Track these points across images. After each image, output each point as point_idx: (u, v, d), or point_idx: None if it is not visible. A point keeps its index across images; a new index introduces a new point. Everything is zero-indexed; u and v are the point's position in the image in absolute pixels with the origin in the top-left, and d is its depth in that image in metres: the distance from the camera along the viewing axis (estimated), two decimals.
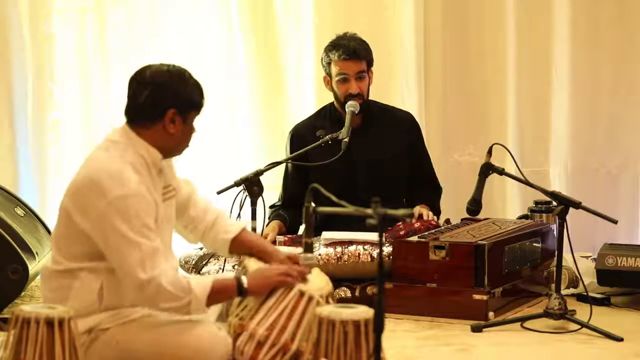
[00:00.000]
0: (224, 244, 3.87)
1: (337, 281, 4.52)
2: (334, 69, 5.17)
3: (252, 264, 3.74)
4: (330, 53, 5.17)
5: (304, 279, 3.63)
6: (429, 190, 5.39)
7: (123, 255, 3.44)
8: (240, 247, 3.88)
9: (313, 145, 5.08)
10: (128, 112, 3.64)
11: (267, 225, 5.17)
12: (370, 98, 5.27)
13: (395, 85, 6.04)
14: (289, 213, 5.26)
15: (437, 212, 5.34)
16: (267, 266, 3.72)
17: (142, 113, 3.60)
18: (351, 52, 5.13)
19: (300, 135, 5.31)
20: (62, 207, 3.58)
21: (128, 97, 3.64)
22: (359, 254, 4.92)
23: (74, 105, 6.13)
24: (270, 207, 5.32)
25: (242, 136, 6.16)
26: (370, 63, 5.21)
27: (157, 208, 3.56)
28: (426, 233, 4.97)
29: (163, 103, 3.58)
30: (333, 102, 5.29)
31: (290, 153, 5.28)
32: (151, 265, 3.44)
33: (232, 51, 6.12)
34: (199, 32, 6.11)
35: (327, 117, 5.30)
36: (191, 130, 3.66)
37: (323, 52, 5.22)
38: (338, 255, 4.92)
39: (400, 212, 3.05)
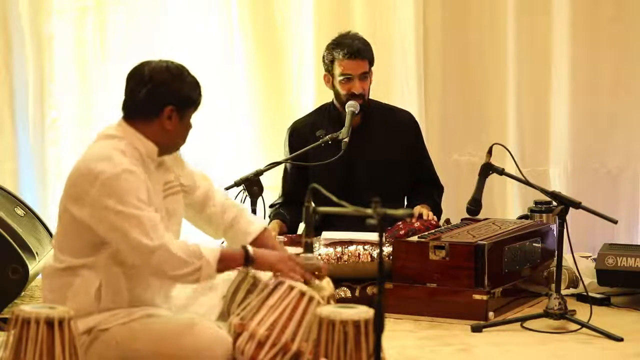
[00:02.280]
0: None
1: (337, 281, 4.52)
2: (338, 68, 5.16)
3: (261, 272, 3.74)
4: (334, 51, 5.16)
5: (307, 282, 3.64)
6: (430, 190, 5.39)
7: (124, 231, 3.44)
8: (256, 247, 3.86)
9: (313, 145, 5.09)
10: (125, 107, 3.64)
11: (267, 225, 5.17)
12: (371, 97, 5.27)
13: (395, 85, 6.04)
14: (289, 211, 5.26)
15: (439, 211, 5.34)
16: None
17: (140, 109, 3.60)
18: (355, 51, 5.12)
19: (299, 133, 5.31)
20: (60, 203, 3.60)
21: (125, 92, 3.64)
22: (359, 254, 4.92)
23: (73, 105, 6.14)
24: (270, 206, 5.32)
25: (242, 136, 6.16)
26: (372, 62, 5.21)
27: (147, 183, 3.54)
28: (426, 233, 4.97)
29: (161, 100, 3.58)
30: (333, 101, 5.28)
31: (289, 149, 5.28)
32: (156, 234, 3.45)
33: (232, 51, 6.12)
34: (199, 32, 6.11)
35: (327, 115, 5.30)
36: (188, 127, 3.66)
37: (325, 50, 5.21)
38: (338, 255, 4.92)
39: (400, 212, 3.05)
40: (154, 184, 3.60)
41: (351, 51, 5.12)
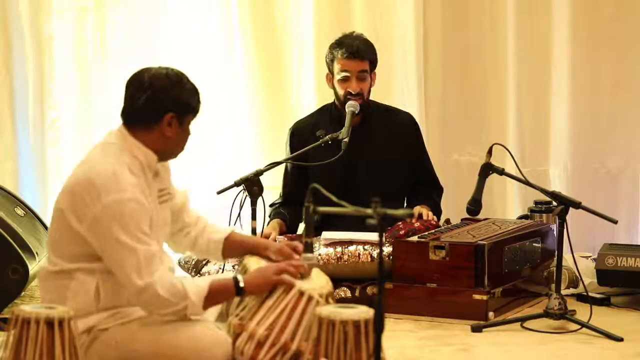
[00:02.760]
0: (217, 245, 3.87)
1: (337, 281, 4.52)
2: (337, 67, 5.17)
3: (252, 263, 3.74)
4: (334, 50, 5.17)
5: (303, 275, 3.63)
6: (430, 190, 5.38)
7: (119, 261, 3.44)
8: (232, 246, 3.88)
9: (313, 145, 5.09)
10: (125, 114, 3.64)
11: (267, 224, 5.18)
12: (370, 98, 5.27)
13: (395, 85, 6.04)
14: (290, 211, 5.27)
15: (439, 211, 5.34)
16: (265, 265, 3.72)
17: (140, 116, 3.59)
18: (354, 51, 5.13)
19: (300, 133, 5.31)
20: (56, 207, 3.58)
21: (125, 99, 3.63)
22: (359, 254, 4.92)
23: (73, 105, 6.14)
24: (271, 205, 5.32)
25: (242, 136, 6.16)
26: (373, 64, 5.21)
27: (151, 211, 3.55)
28: (426, 233, 4.97)
29: (161, 107, 3.57)
30: (334, 101, 5.29)
31: (290, 150, 5.28)
32: (147, 272, 3.44)
33: (232, 51, 6.12)
34: (199, 32, 6.11)
35: (328, 115, 5.31)
36: (187, 133, 3.66)
37: (328, 49, 5.23)
38: (338, 255, 4.92)
39: (400, 212, 3.05)
40: (151, 192, 3.60)
41: (350, 50, 5.13)
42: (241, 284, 3.57)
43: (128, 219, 3.44)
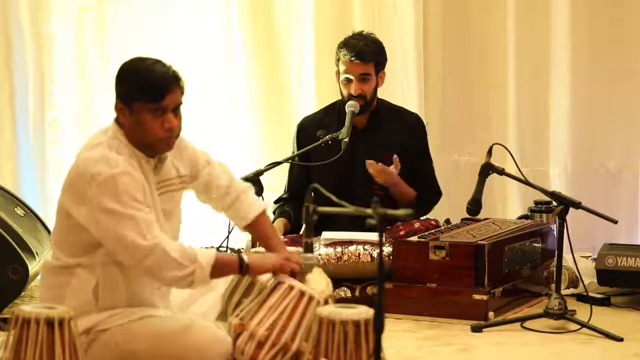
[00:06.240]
0: (239, 227, 3.90)
1: (337, 281, 4.52)
2: (341, 68, 5.18)
3: None
4: (339, 51, 5.17)
5: (302, 278, 3.64)
6: (426, 194, 5.36)
7: (119, 232, 3.43)
8: (252, 232, 3.92)
9: (313, 145, 5.09)
10: None
11: (272, 222, 5.18)
12: (380, 98, 5.27)
13: (395, 85, 6.03)
14: (294, 208, 5.25)
15: (423, 211, 5.31)
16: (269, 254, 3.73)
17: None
18: (357, 53, 5.12)
19: (305, 130, 5.31)
20: (58, 203, 3.59)
21: None
22: (359, 254, 4.92)
23: (73, 105, 6.13)
24: (276, 201, 5.33)
25: (242, 136, 6.16)
26: (380, 65, 5.19)
27: (145, 192, 3.54)
28: (426, 233, 4.97)
29: (116, 94, 3.60)
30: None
31: (297, 145, 5.29)
32: (151, 233, 3.43)
33: (232, 51, 6.11)
34: (199, 32, 6.11)
35: (336, 113, 5.30)
36: (144, 121, 3.54)
37: (336, 48, 5.22)
38: (338, 255, 4.92)
39: (400, 212, 3.05)
40: (149, 182, 3.59)
41: (352, 53, 5.12)
42: (245, 261, 3.57)
43: (121, 191, 3.44)
